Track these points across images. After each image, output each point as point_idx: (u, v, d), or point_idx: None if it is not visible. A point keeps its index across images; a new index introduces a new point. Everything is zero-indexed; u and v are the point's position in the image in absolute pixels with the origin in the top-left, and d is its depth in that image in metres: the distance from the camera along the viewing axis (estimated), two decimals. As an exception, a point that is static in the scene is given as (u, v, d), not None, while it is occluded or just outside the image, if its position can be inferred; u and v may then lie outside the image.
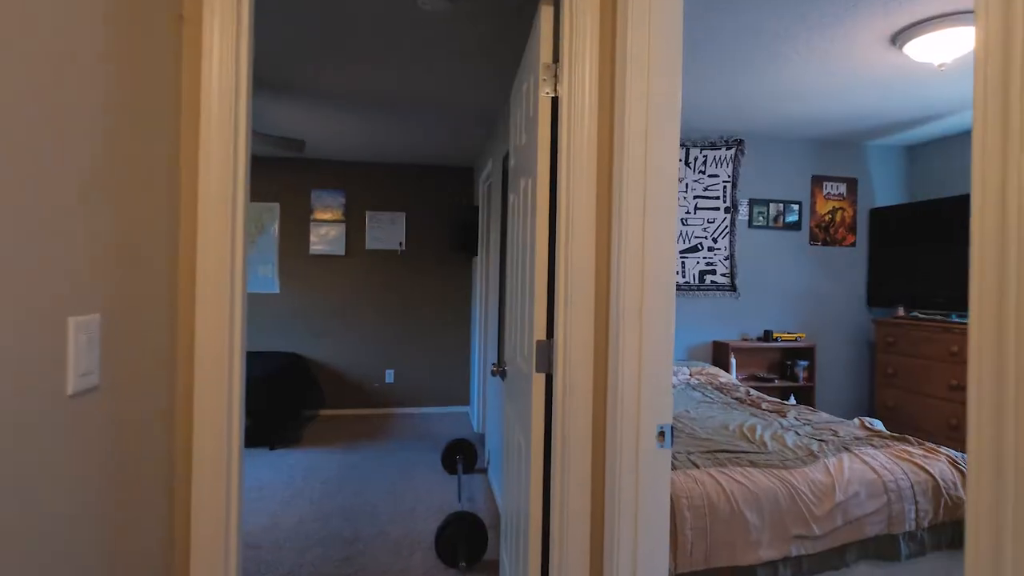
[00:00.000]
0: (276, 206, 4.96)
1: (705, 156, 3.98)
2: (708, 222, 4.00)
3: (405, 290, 5.14)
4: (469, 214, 4.83)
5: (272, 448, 3.99)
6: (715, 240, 4.01)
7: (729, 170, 4.02)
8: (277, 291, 4.96)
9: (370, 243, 5.08)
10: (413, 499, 3.13)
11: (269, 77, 2.95)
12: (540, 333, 1.55)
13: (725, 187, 4.02)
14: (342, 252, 5.03)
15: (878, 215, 4.22)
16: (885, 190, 4.31)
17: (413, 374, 5.15)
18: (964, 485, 1.99)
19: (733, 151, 4.01)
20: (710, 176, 4.00)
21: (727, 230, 4.03)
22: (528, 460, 1.58)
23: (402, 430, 4.55)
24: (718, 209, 4.02)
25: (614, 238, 1.36)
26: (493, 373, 2.11)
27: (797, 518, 1.82)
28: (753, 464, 1.95)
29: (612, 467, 1.34)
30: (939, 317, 3.63)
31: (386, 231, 5.09)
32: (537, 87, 1.58)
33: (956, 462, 2.05)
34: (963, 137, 3.88)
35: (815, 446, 2.12)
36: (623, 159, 1.31)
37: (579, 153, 1.42)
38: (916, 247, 3.92)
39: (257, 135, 3.20)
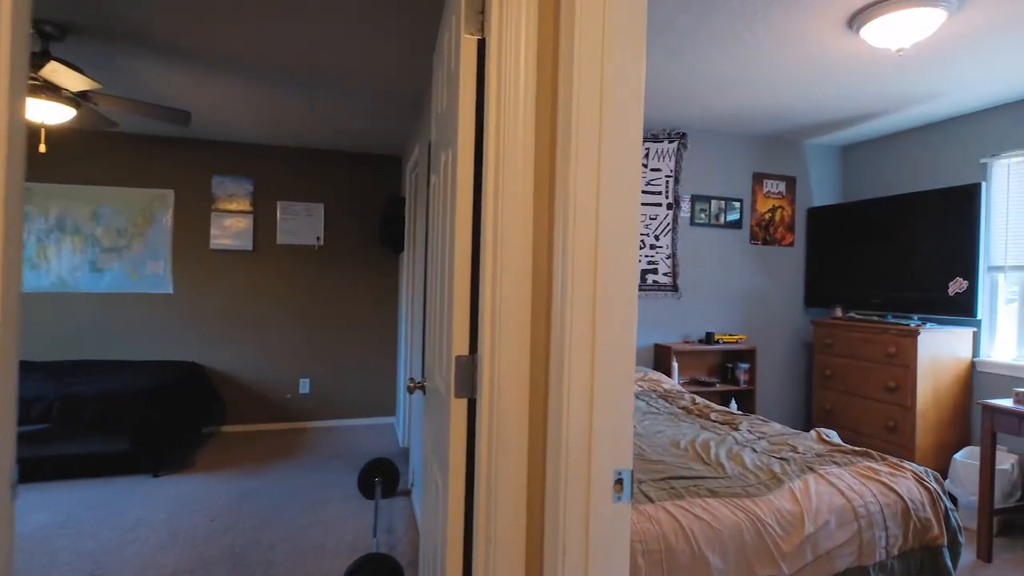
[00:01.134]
0: (169, 193, 4.31)
1: (647, 149, 3.76)
2: (650, 218, 3.79)
3: (324, 290, 4.62)
4: (396, 206, 4.39)
5: (156, 475, 3.39)
6: (657, 238, 3.81)
7: (672, 164, 3.83)
8: (170, 291, 4.31)
9: (282, 237, 4.52)
10: (322, 534, 2.68)
11: (144, 32, 2.41)
12: (461, 346, 1.18)
13: (667, 182, 3.82)
14: (249, 247, 4.44)
15: (815, 214, 4.17)
16: (822, 190, 4.27)
17: (332, 383, 4.64)
18: (932, 504, 1.82)
19: (676, 144, 3.82)
20: (652, 170, 3.78)
21: (669, 227, 3.83)
22: (445, 510, 1.22)
23: (317, 447, 4.05)
24: (660, 205, 3.81)
25: (558, 223, 1.02)
26: (410, 389, 1.72)
27: (764, 556, 1.56)
28: (713, 493, 1.68)
29: (553, 529, 1.00)
30: (875, 318, 3.59)
31: (301, 224, 4.56)
32: (459, 29, 1.22)
33: (922, 478, 1.88)
34: (894, 138, 3.87)
35: (777, 466, 1.89)
36: (571, 116, 0.97)
37: (512, 111, 1.07)
38: (851, 247, 3.88)
39: (125, 101, 2.64)
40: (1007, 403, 2.64)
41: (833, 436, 2.24)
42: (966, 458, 3.15)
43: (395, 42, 2.50)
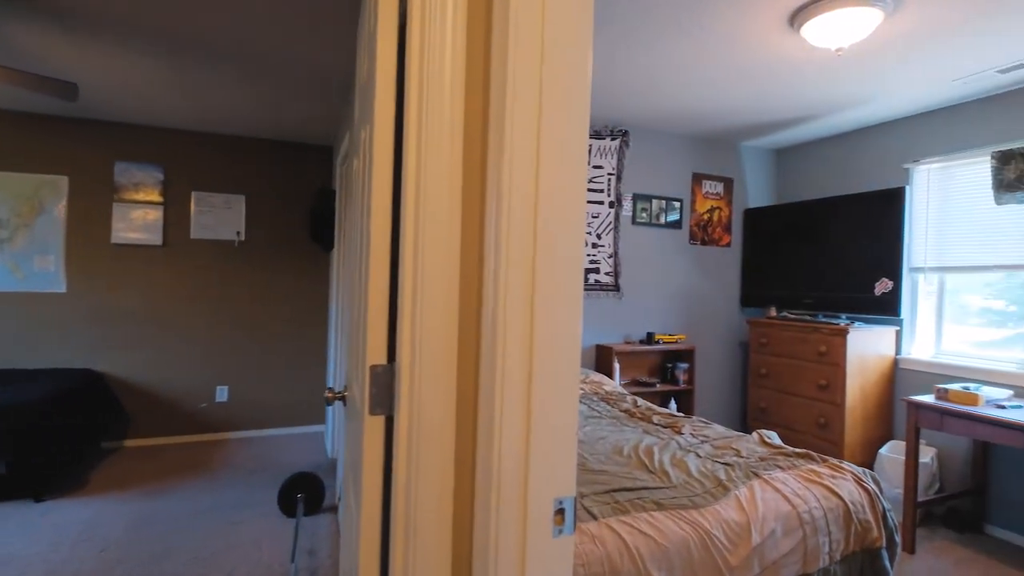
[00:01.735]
0: (63, 180, 3.83)
1: (589, 145, 3.68)
2: (592, 216, 3.71)
3: (245, 289, 4.26)
4: (326, 200, 4.11)
5: (38, 499, 2.97)
6: (599, 236, 3.74)
7: (614, 162, 3.77)
8: (63, 290, 3.82)
9: (198, 231, 4.12)
10: (233, 560, 2.40)
11: (7, -18, 2.06)
12: (377, 354, 1.00)
13: (610, 180, 3.76)
14: (159, 241, 4.02)
15: (751, 216, 4.24)
16: (757, 191, 4.35)
17: (254, 390, 4.28)
18: (871, 506, 1.80)
19: (618, 142, 3.77)
20: (595, 167, 3.71)
21: (611, 226, 3.77)
22: (356, 548, 1.03)
23: (235, 460, 3.70)
24: (603, 203, 3.74)
25: (490, 209, 0.87)
26: (328, 401, 1.51)
27: (711, 571, 1.47)
28: (659, 505, 1.57)
29: (483, 570, 0.84)
30: (807, 317, 3.67)
31: (219, 217, 4.18)
32: (378, -17, 1.04)
33: (861, 479, 1.86)
34: (825, 142, 3.99)
35: (722, 473, 1.82)
36: (507, 82, 0.82)
37: (437, 75, 0.90)
38: (785, 248, 3.96)
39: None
40: (929, 399, 2.73)
41: (774, 438, 2.21)
42: (890, 452, 3.26)
43: (325, 19, 2.26)
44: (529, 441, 0.82)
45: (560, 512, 0.85)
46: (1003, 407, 2.55)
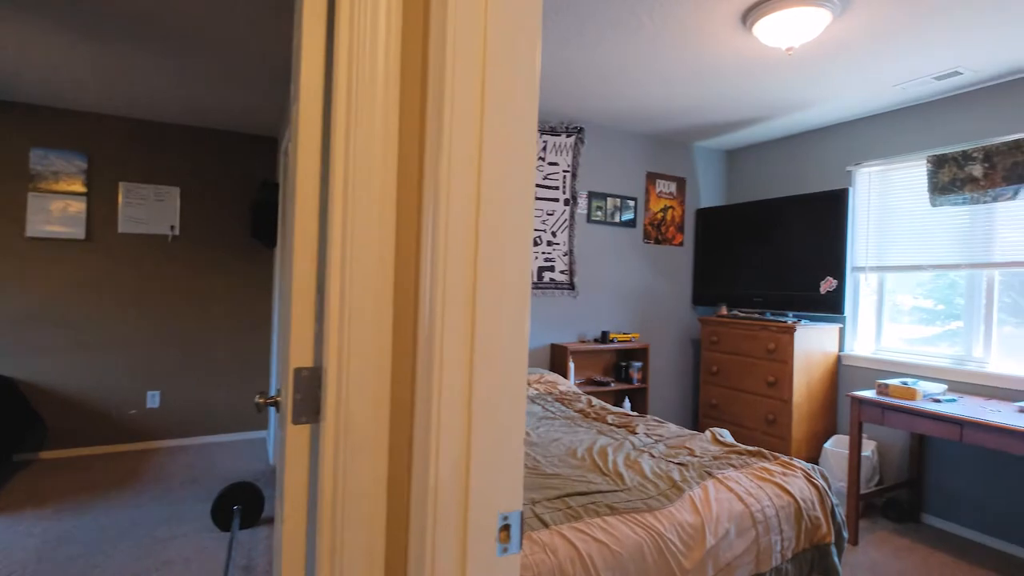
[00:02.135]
0: (-32, 166, 3.47)
1: (545, 141, 3.63)
2: (547, 214, 3.66)
3: (179, 288, 3.99)
4: (270, 193, 3.89)
5: (-66, 522, 2.66)
6: (554, 234, 3.69)
7: (569, 159, 3.73)
8: (-32, 287, 3.47)
9: (126, 225, 3.83)
10: (158, 582, 2.21)
11: None
12: (301, 356, 0.90)
13: (565, 177, 3.72)
14: (82, 235, 3.71)
15: (703, 215, 4.29)
16: (709, 191, 4.41)
17: (190, 395, 4.02)
18: (821, 502, 1.80)
19: (574, 139, 3.73)
20: (550, 164, 3.66)
21: (567, 224, 3.73)
22: (279, 570, 0.92)
23: (167, 471, 3.45)
24: (558, 200, 3.70)
25: (428, 192, 0.77)
26: (258, 407, 1.38)
27: (666, 576, 1.42)
28: (613, 509, 1.52)
29: (419, 598, 0.75)
30: (757, 316, 3.74)
31: (150, 210, 3.89)
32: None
33: (811, 476, 1.87)
34: (774, 144, 4.08)
35: (676, 473, 1.78)
36: (445, 49, 0.73)
37: (368, 45, 0.81)
38: (735, 248, 4.03)
39: None
40: (871, 394, 2.80)
41: (726, 436, 2.20)
42: (834, 446, 3.35)
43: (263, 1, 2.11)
44: (470, 452, 0.73)
45: (505, 528, 0.76)
46: (939, 401, 2.65)
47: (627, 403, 3.75)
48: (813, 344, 3.42)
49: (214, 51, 2.66)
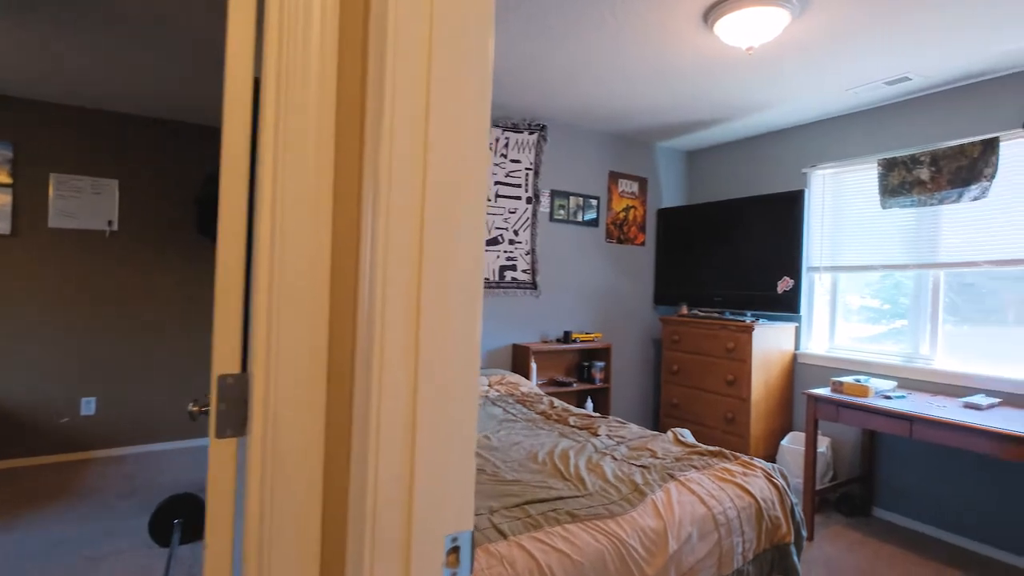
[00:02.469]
0: None
1: (507, 138, 3.57)
2: (510, 212, 3.59)
3: (118, 286, 3.74)
4: (215, 187, 3.69)
5: None
6: (517, 232, 3.63)
7: (532, 157, 3.67)
8: None
9: (57, 219, 3.56)
10: (86, 605, 2.03)
11: None
12: (227, 361, 0.80)
13: (528, 175, 3.66)
14: (7, 230, 3.43)
15: (664, 215, 4.32)
16: (671, 191, 4.44)
17: (129, 401, 3.77)
18: (780, 502, 1.80)
19: (536, 136, 3.68)
20: (512, 161, 3.60)
21: (529, 222, 3.68)
22: (205, 605, 0.82)
23: (102, 483, 3.22)
24: (520, 199, 3.64)
25: (367, 184, 0.69)
26: (192, 416, 1.26)
27: (628, 585, 1.38)
28: (574, 516, 1.46)
29: (356, 634, 0.67)
30: (716, 315, 3.77)
31: (85, 203, 3.63)
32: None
33: (771, 476, 1.86)
34: (733, 145, 4.14)
35: (638, 476, 1.74)
36: (387, 21, 0.65)
37: (302, 17, 0.72)
38: (696, 248, 4.06)
39: None
40: (826, 392, 2.85)
41: (687, 436, 2.19)
42: (791, 443, 3.41)
43: (194, -32, 1.96)
44: (414, 468, 0.65)
45: (454, 551, 0.69)
46: (889, 397, 2.71)
47: (589, 403, 3.73)
48: (771, 343, 3.47)
49: (157, 34, 2.48)
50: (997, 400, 2.59)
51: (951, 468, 2.84)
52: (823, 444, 3.29)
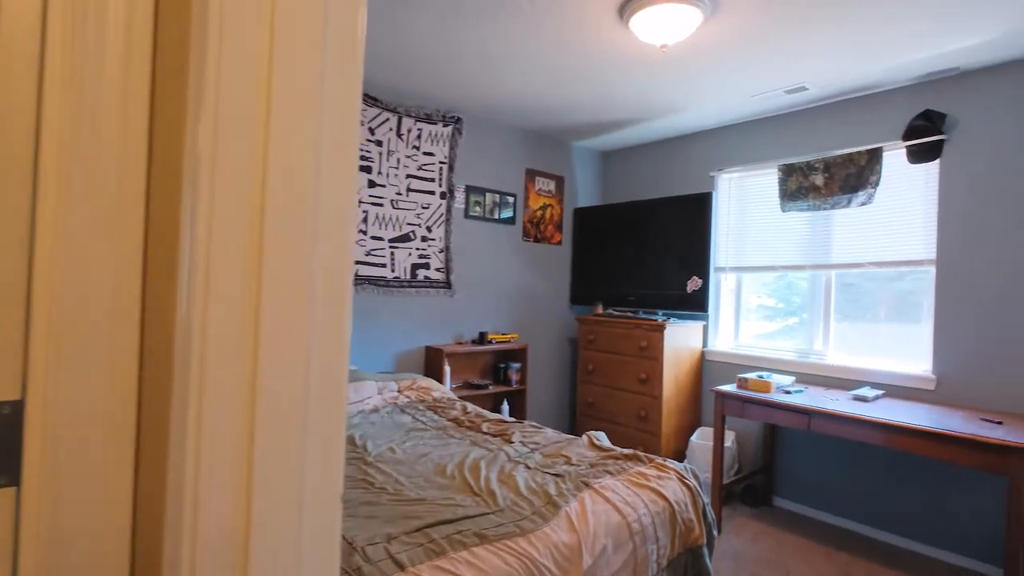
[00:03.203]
0: None
1: (420, 130, 3.38)
2: (422, 207, 3.41)
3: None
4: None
5: None
6: (430, 229, 3.45)
7: (446, 150, 3.51)
8: None
9: None
10: None
11: None
12: (4, 387, 0.59)
13: (441, 169, 3.50)
14: None
15: (580, 214, 4.32)
16: (587, 191, 4.45)
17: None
18: (693, 503, 1.77)
19: (451, 129, 3.52)
20: (425, 154, 3.42)
21: (443, 218, 3.52)
22: None
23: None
24: (433, 193, 3.47)
25: (187, 167, 0.52)
26: None
27: (540, 608, 1.27)
28: (482, 537, 1.33)
29: None
30: (630, 314, 3.81)
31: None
32: None
33: (684, 477, 1.84)
34: (646, 147, 4.21)
35: (552, 486, 1.65)
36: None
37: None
38: (610, 247, 4.09)
39: None
40: (732, 388, 2.93)
41: (603, 438, 2.13)
42: (700, 439, 3.50)
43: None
44: (249, 536, 0.49)
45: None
46: (789, 392, 2.83)
47: (505, 406, 3.63)
48: (681, 341, 3.55)
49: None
50: (881, 392, 2.77)
51: (843, 457, 3.02)
52: (729, 438, 3.40)
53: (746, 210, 3.58)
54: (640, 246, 3.88)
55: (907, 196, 2.86)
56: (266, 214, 0.50)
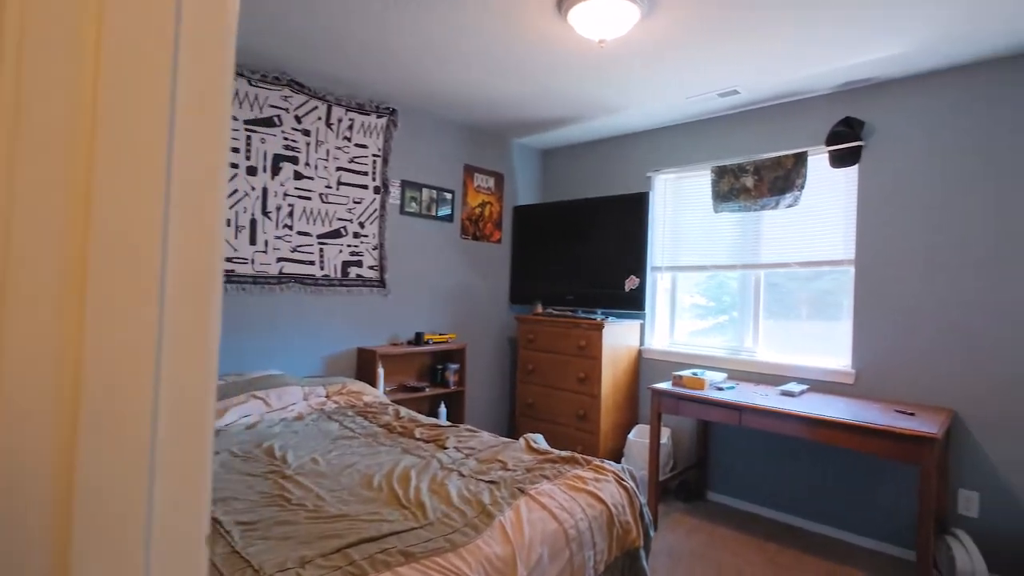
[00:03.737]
0: None
1: (352, 120, 3.21)
2: (354, 202, 3.24)
3: None
4: None
5: None
6: (362, 225, 3.29)
7: (380, 143, 3.36)
8: None
9: None
10: None
11: None
12: None
13: (375, 162, 3.34)
14: None
15: (519, 213, 4.26)
16: (526, 189, 4.40)
17: None
18: (630, 504, 1.74)
19: (385, 120, 3.37)
20: (357, 146, 3.25)
21: (377, 214, 3.36)
22: None
23: None
24: (367, 188, 3.31)
25: None
26: None
27: (471, 629, 1.18)
28: (408, 555, 1.23)
29: None
30: (569, 313, 3.79)
31: None
32: None
33: (621, 478, 1.81)
34: (584, 146, 4.21)
35: (486, 495, 1.57)
36: None
37: None
38: (549, 246, 4.06)
39: None
40: (667, 386, 2.96)
41: (540, 441, 2.08)
42: (637, 436, 3.52)
43: None
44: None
45: None
46: (722, 388, 2.89)
47: (443, 409, 3.52)
48: (619, 340, 3.56)
49: None
50: (807, 387, 2.88)
51: (772, 450, 3.12)
52: (665, 435, 3.45)
53: (681, 210, 3.64)
54: (579, 245, 3.88)
55: (830, 199, 2.99)
56: (94, 177, 0.38)
